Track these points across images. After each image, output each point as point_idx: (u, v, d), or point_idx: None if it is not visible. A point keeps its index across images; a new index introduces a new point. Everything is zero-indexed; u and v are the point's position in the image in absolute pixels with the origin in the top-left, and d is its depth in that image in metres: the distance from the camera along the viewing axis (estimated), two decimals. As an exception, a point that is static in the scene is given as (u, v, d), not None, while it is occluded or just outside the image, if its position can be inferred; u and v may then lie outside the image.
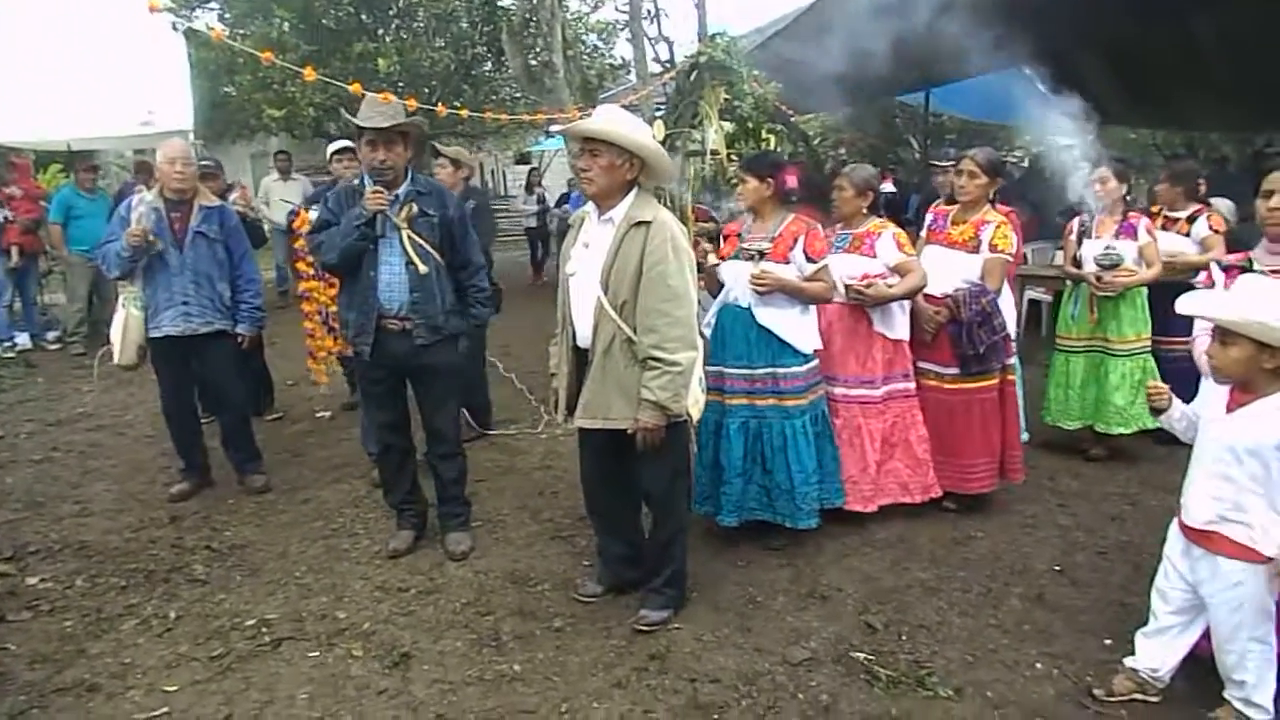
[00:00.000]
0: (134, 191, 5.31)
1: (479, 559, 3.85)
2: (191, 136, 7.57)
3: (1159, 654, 2.69)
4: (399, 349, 3.67)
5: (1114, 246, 4.61)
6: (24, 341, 8.60)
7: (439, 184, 3.86)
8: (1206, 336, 2.88)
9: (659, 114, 6.30)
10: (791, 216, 3.71)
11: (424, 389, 3.85)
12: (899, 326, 4.03)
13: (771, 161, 3.85)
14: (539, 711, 2.78)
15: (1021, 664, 2.96)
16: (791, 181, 3.71)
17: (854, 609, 3.34)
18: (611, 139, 3.01)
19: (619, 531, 3.47)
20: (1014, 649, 3.05)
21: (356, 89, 4.73)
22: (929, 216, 4.40)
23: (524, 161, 25.32)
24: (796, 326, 3.68)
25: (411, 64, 11.15)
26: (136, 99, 7.80)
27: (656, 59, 7.00)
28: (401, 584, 3.63)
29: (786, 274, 3.62)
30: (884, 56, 5.86)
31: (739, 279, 3.70)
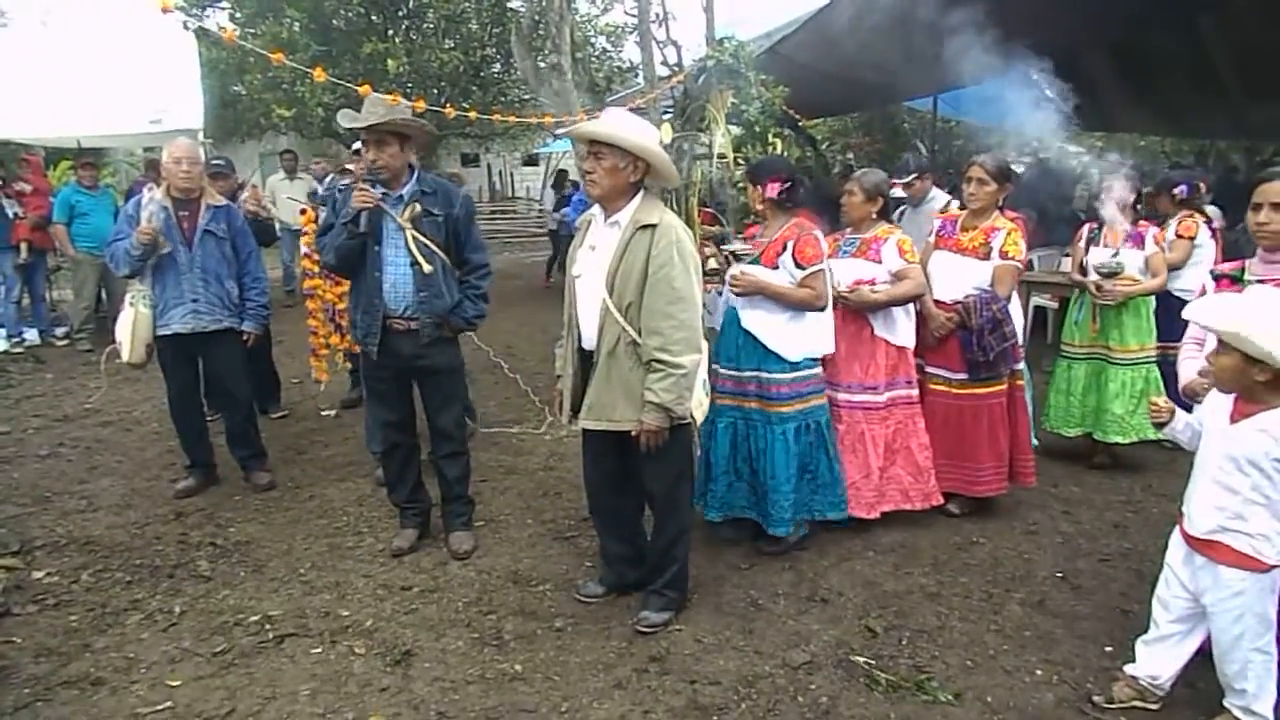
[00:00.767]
0: (142, 190, 5.34)
1: (481, 558, 3.87)
2: (201, 135, 7.60)
3: (1159, 662, 2.69)
4: (405, 348, 3.69)
5: (1117, 256, 4.63)
6: (32, 337, 8.63)
7: (445, 183, 3.86)
8: (1192, 345, 2.89)
9: (667, 117, 6.31)
10: (791, 221, 3.69)
11: (429, 389, 3.86)
12: (902, 333, 4.01)
13: (757, 168, 3.84)
14: (539, 711, 2.79)
15: (1022, 670, 2.96)
16: (771, 190, 3.68)
17: (855, 613, 3.34)
18: (616, 142, 3.02)
19: (621, 532, 3.48)
20: (1014, 655, 3.05)
21: (366, 90, 4.74)
22: (936, 223, 4.40)
23: (532, 163, 25.36)
24: (782, 333, 3.63)
25: (421, 65, 11.19)
26: (147, 97, 7.85)
27: (665, 62, 7.01)
28: (404, 582, 3.64)
29: (772, 278, 3.60)
30: (891, 61, 5.87)
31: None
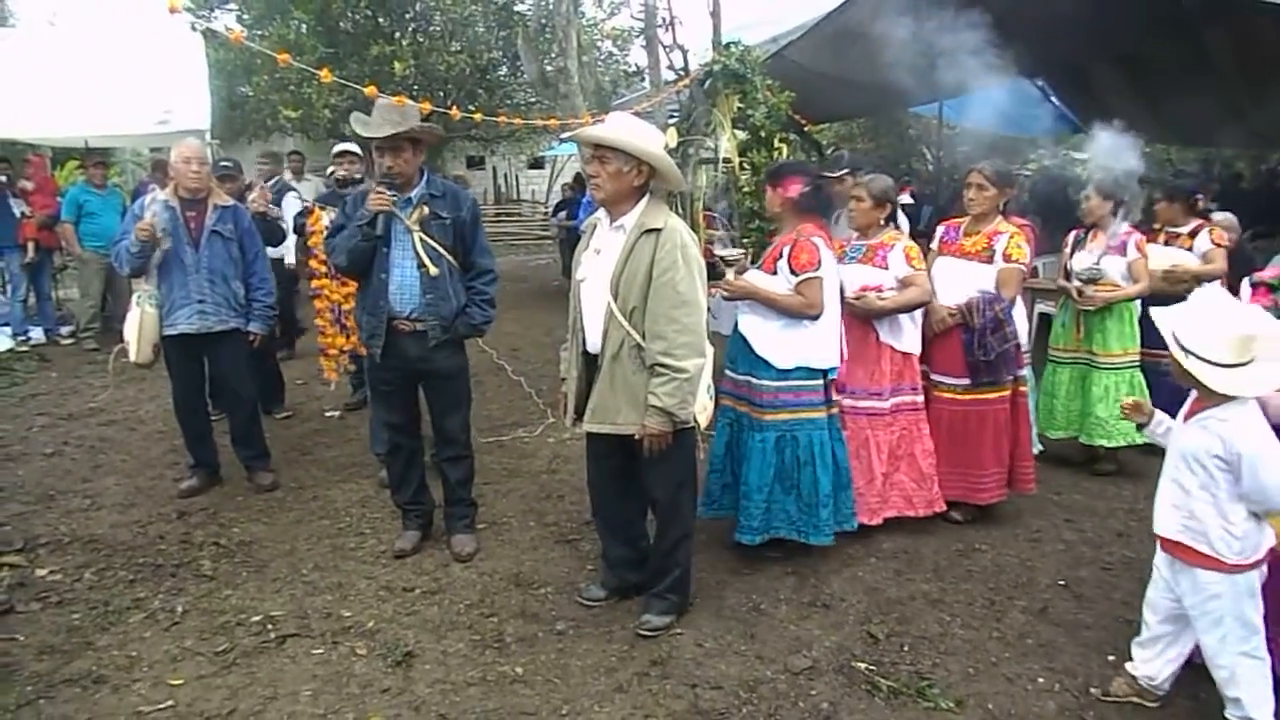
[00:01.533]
0: (149, 190, 5.36)
1: (484, 561, 3.87)
2: (208, 136, 7.61)
3: (1154, 663, 2.72)
4: (410, 350, 3.70)
5: (1098, 262, 4.67)
6: (38, 336, 8.66)
7: (454, 186, 3.87)
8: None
9: (672, 121, 6.33)
10: (795, 228, 3.65)
11: (434, 391, 3.87)
12: (908, 339, 4.01)
13: (782, 171, 3.80)
14: (540, 714, 2.79)
15: (1023, 677, 2.95)
16: (791, 190, 3.66)
17: (856, 619, 3.34)
18: (620, 146, 3.03)
19: (623, 536, 3.48)
20: (1016, 662, 3.04)
21: (372, 91, 4.76)
22: (940, 229, 4.40)
23: (537, 166, 25.39)
24: (774, 340, 3.59)
25: (427, 67, 11.24)
26: (154, 98, 7.85)
27: (671, 66, 7.03)
28: (406, 584, 3.65)
29: (768, 284, 3.59)
30: (897, 67, 5.87)
31: None
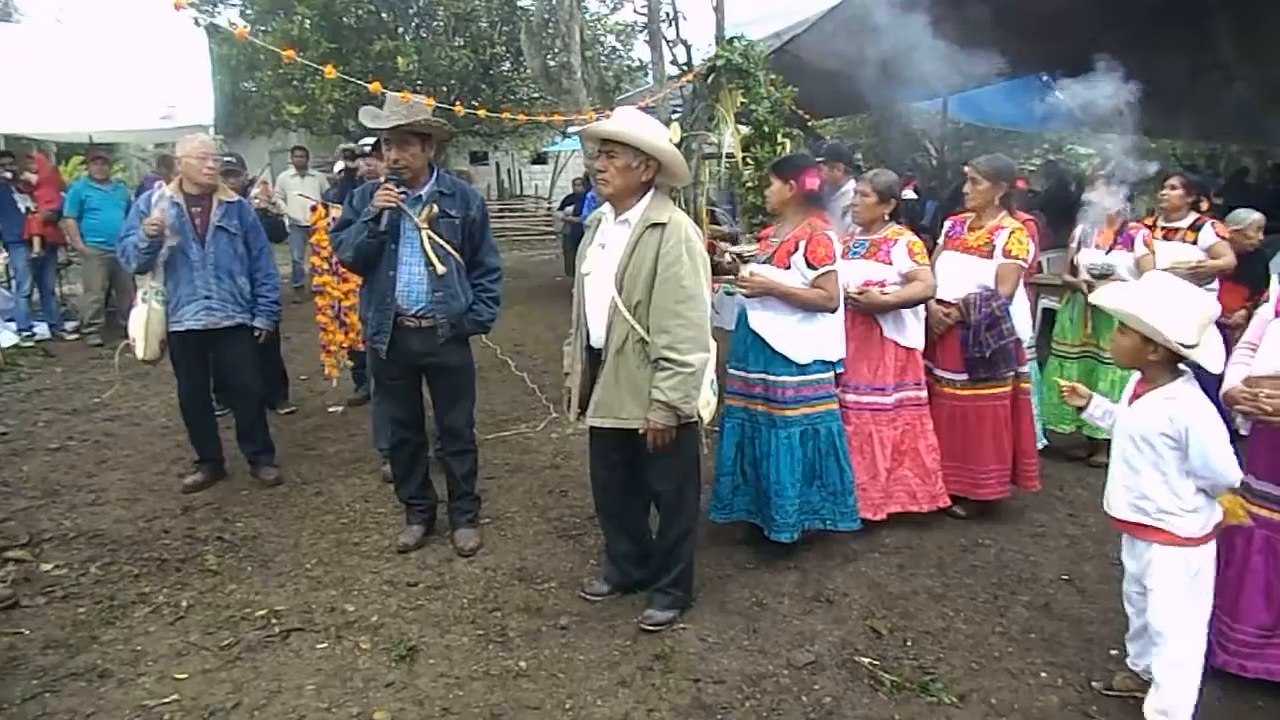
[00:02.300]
0: (154, 185, 5.35)
1: (487, 555, 3.88)
2: (212, 131, 7.61)
3: (1146, 656, 2.69)
4: (416, 346, 3.70)
5: (1109, 257, 4.66)
6: (42, 331, 8.67)
7: (463, 184, 3.86)
8: (1245, 350, 2.86)
9: (676, 116, 6.32)
10: (804, 221, 3.64)
11: (439, 386, 3.88)
12: (911, 334, 4.01)
13: (796, 163, 3.77)
14: (543, 707, 2.80)
15: (1026, 672, 2.95)
16: (812, 183, 3.63)
17: (859, 614, 3.34)
18: (628, 140, 3.03)
19: (627, 531, 3.48)
20: (1019, 657, 3.05)
21: (376, 87, 4.77)
22: (947, 224, 4.40)
23: (540, 161, 25.39)
24: (791, 335, 3.58)
25: (431, 63, 11.24)
26: (158, 93, 7.85)
27: (674, 61, 7.03)
28: (410, 579, 3.65)
29: (783, 278, 3.58)
30: (900, 61, 5.85)
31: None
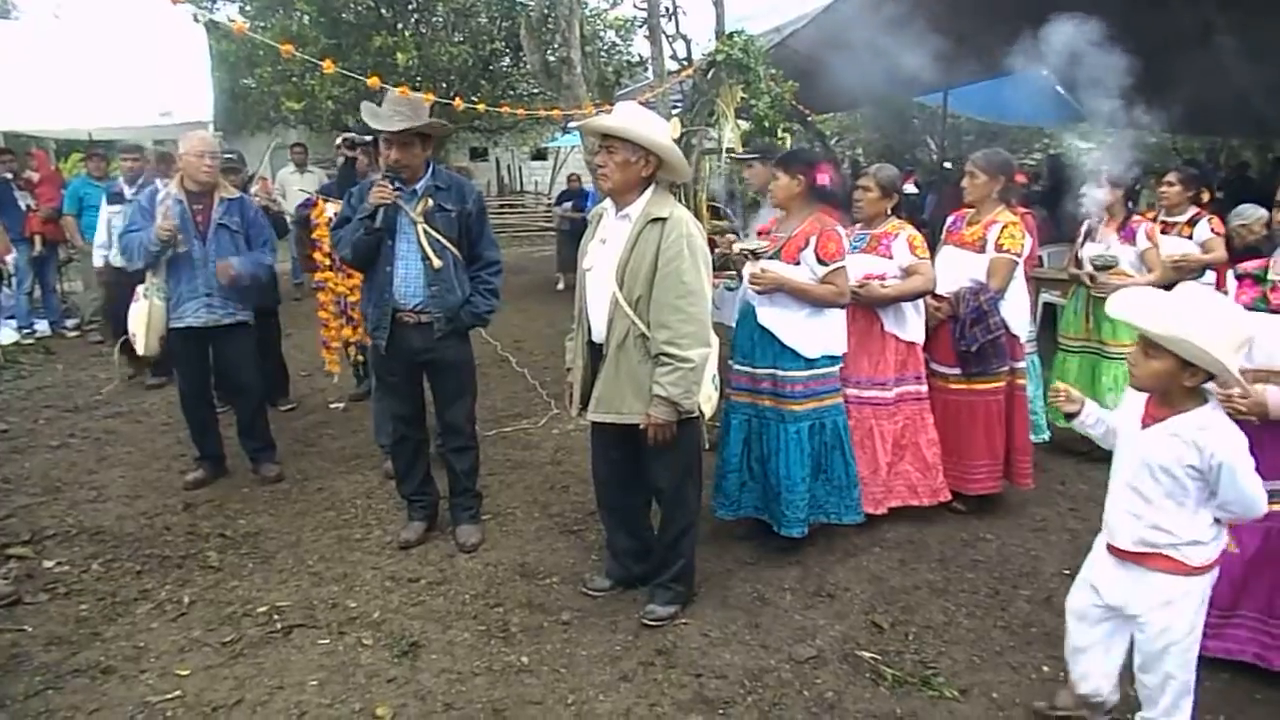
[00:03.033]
0: (150, 181, 5.34)
1: (489, 551, 3.88)
2: (211, 128, 7.60)
3: (1093, 677, 2.49)
4: (415, 342, 3.70)
5: (1111, 249, 4.68)
6: (43, 329, 8.67)
7: (459, 178, 3.86)
8: None
9: (676, 111, 6.31)
10: (811, 217, 3.63)
11: (439, 382, 3.88)
12: (912, 328, 4.01)
13: (806, 158, 3.75)
14: (545, 703, 2.80)
15: (1028, 666, 2.96)
16: (824, 178, 3.61)
17: (861, 608, 3.35)
18: (629, 136, 3.02)
19: (628, 526, 3.49)
20: (1021, 651, 3.05)
21: (375, 83, 4.76)
22: (950, 219, 4.40)
23: (540, 157, 25.35)
24: (800, 329, 3.58)
25: (430, 58, 11.22)
26: (157, 90, 7.83)
27: (674, 56, 7.01)
28: (412, 575, 3.66)
29: (792, 274, 3.57)
30: (901, 56, 5.85)
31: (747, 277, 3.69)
